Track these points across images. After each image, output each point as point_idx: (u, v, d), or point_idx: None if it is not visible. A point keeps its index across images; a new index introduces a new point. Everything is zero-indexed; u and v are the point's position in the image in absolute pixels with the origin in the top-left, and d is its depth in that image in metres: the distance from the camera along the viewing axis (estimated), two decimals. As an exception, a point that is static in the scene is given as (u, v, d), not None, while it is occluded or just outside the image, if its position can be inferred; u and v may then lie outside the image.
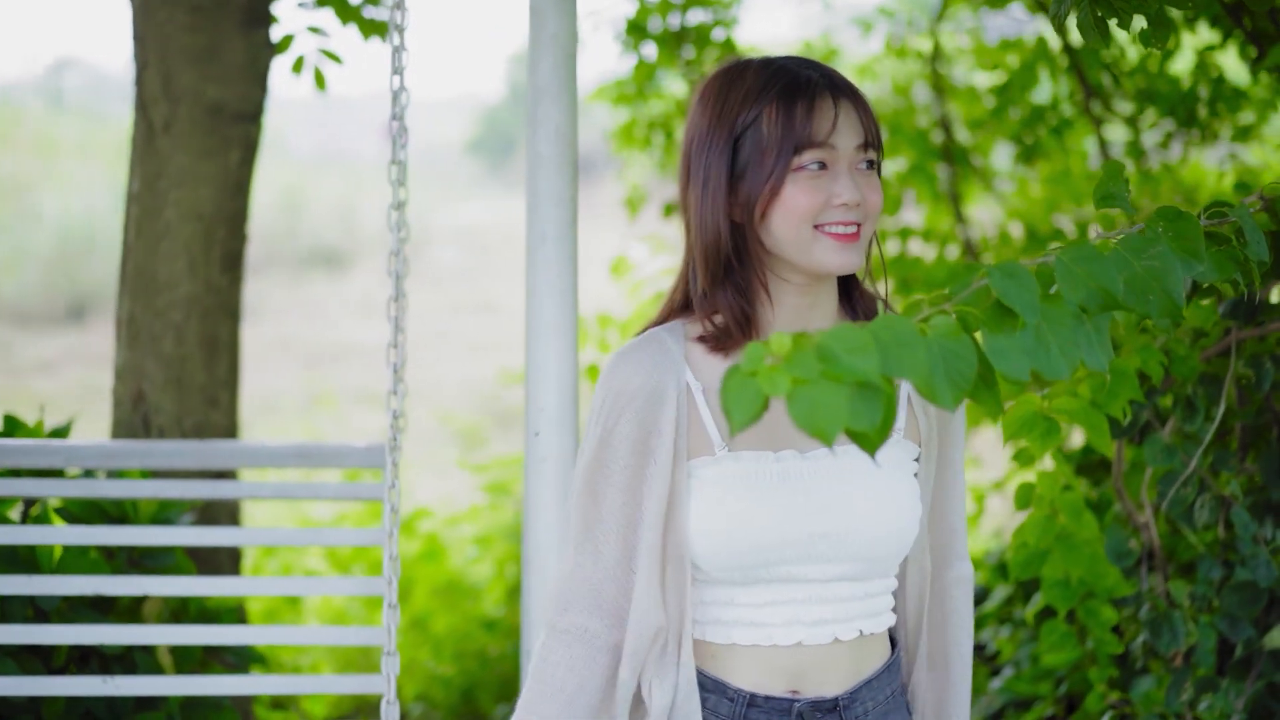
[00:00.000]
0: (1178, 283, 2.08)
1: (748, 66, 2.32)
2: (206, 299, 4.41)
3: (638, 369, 2.29)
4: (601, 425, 2.29)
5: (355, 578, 3.38)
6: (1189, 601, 3.34)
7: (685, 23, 5.69)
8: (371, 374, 12.53)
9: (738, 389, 1.80)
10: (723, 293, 2.29)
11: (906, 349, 1.83)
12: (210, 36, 4.37)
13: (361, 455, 3.44)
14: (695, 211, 2.30)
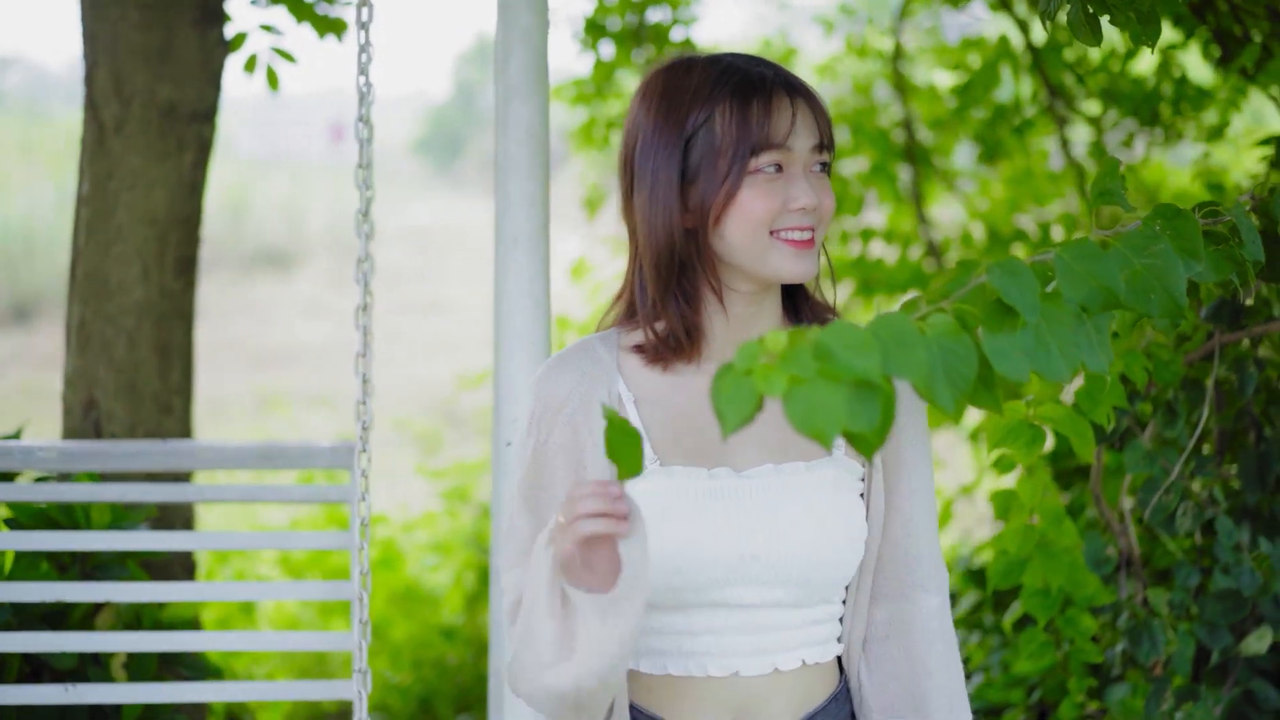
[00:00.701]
0: (1180, 282, 2.02)
1: (694, 64, 2.20)
2: (160, 304, 4.30)
3: (567, 377, 2.20)
4: (535, 438, 2.20)
5: (324, 582, 3.28)
6: (1168, 609, 3.29)
7: (644, 21, 5.61)
8: (321, 375, 12.40)
9: (731, 388, 1.73)
10: (672, 302, 2.18)
11: (906, 348, 1.76)
12: (163, 34, 4.27)
13: (328, 455, 3.35)
14: (643, 217, 2.18)
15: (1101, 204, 2.13)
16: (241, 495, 3.52)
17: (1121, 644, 3.33)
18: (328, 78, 28.86)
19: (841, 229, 5.95)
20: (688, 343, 2.19)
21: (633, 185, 2.20)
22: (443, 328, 13.99)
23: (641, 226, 2.18)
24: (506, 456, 2.89)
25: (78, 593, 3.31)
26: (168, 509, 4.28)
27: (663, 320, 2.20)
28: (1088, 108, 5.89)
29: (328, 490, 3.37)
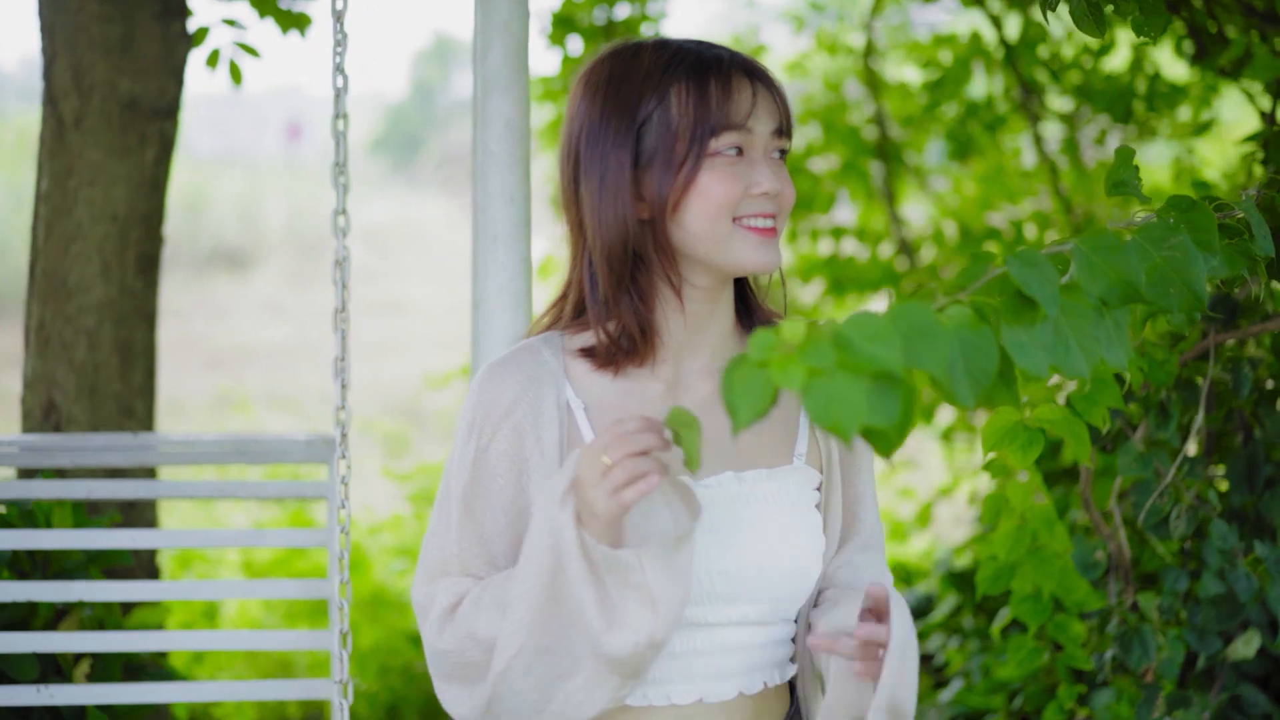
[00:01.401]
0: (1200, 275, 1.95)
1: (641, 48, 2.09)
2: (121, 303, 4.19)
3: (511, 382, 2.07)
4: (475, 443, 2.06)
5: (302, 581, 3.18)
6: (1158, 614, 3.23)
7: (613, 17, 5.53)
8: (280, 376, 12.29)
9: (745, 381, 1.64)
10: (626, 298, 2.06)
11: (927, 339, 1.69)
12: (124, 27, 4.16)
13: (304, 449, 3.26)
14: (593, 211, 2.06)
15: (1116, 195, 2.06)
16: (215, 491, 3.41)
17: (1111, 650, 3.26)
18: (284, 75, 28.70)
19: (813, 227, 5.89)
20: (642, 342, 2.07)
21: (578, 176, 2.08)
22: (401, 327, 13.89)
23: (591, 219, 2.06)
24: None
25: (43, 592, 3.20)
26: (130, 514, 4.17)
27: (614, 319, 2.08)
28: (1059, 104, 5.85)
29: (305, 486, 3.26)
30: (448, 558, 2.05)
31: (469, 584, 2.02)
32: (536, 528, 1.91)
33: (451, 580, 2.03)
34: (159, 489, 3.39)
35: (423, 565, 2.08)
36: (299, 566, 5.69)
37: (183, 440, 3.48)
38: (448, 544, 2.05)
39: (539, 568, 1.90)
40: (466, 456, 2.06)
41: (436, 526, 2.09)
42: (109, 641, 3.22)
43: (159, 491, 3.38)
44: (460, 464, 2.07)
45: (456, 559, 2.04)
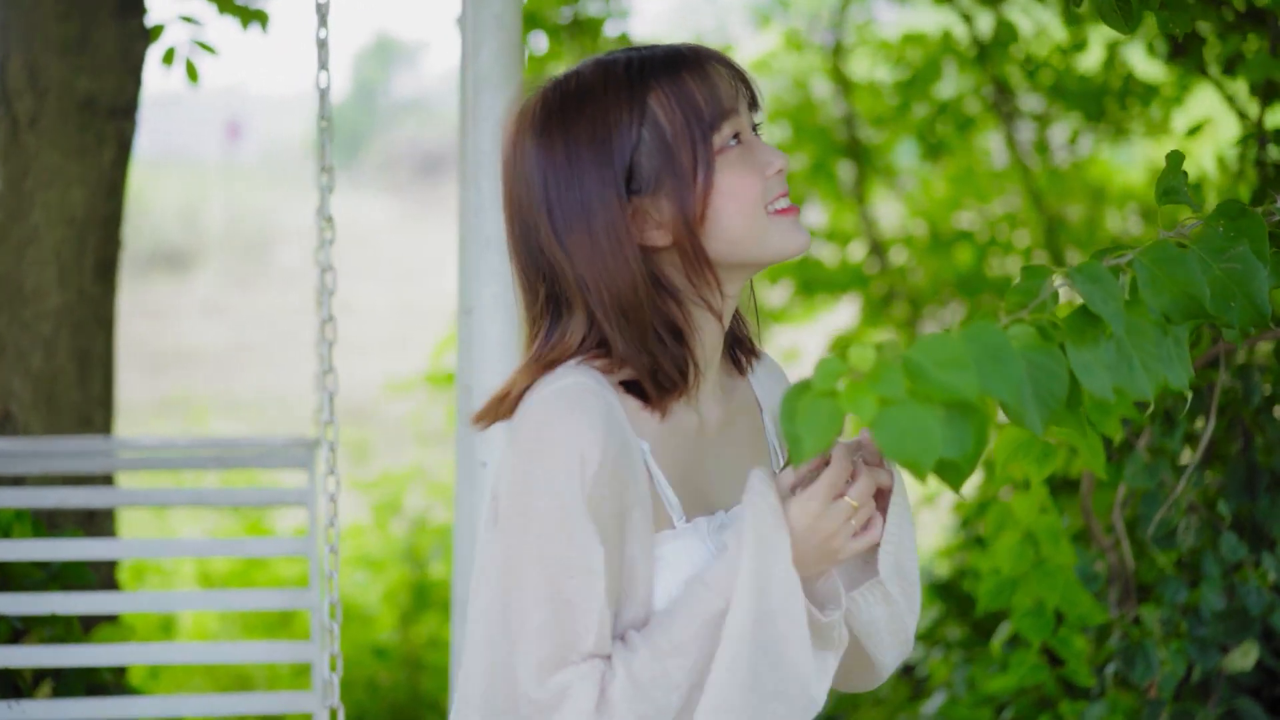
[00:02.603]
0: (1262, 287, 1.85)
1: (580, 73, 1.87)
2: (79, 310, 4.04)
3: (603, 428, 1.79)
4: (578, 499, 1.77)
5: (283, 590, 3.03)
6: (1160, 628, 3.15)
7: (578, 15, 5.41)
8: (222, 378, 12.10)
9: (811, 411, 1.53)
10: (656, 344, 1.85)
11: (1000, 363, 1.58)
12: (81, 24, 4.01)
13: (283, 454, 3.12)
14: (590, 263, 1.83)
15: (1166, 203, 1.95)
16: (194, 499, 3.29)
17: (1113, 664, 3.18)
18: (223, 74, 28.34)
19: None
20: (687, 378, 1.88)
21: (557, 230, 1.84)
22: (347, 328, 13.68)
23: (589, 273, 1.84)
24: (480, 478, 2.66)
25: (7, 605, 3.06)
26: (89, 525, 4.01)
27: (651, 361, 1.86)
28: (1030, 104, 5.78)
29: (284, 493, 3.13)
30: (570, 643, 1.78)
31: (601, 664, 1.79)
32: (745, 595, 1.76)
33: (580, 667, 1.78)
34: (130, 497, 3.25)
35: (534, 660, 1.78)
36: (259, 577, 5.53)
37: (155, 444, 3.35)
38: (570, 629, 1.78)
39: (742, 633, 1.77)
40: (576, 526, 1.77)
41: (544, 615, 1.78)
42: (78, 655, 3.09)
43: (130, 500, 3.24)
44: (566, 535, 1.78)
45: (590, 642, 1.78)
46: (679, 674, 1.78)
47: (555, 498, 1.77)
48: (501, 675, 1.81)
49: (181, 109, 19.15)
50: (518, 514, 1.80)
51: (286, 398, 10.81)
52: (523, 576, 1.79)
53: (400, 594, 5.53)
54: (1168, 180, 1.96)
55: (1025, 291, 1.78)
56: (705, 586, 1.80)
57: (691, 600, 1.80)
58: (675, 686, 1.78)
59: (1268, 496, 3.12)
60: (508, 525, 1.81)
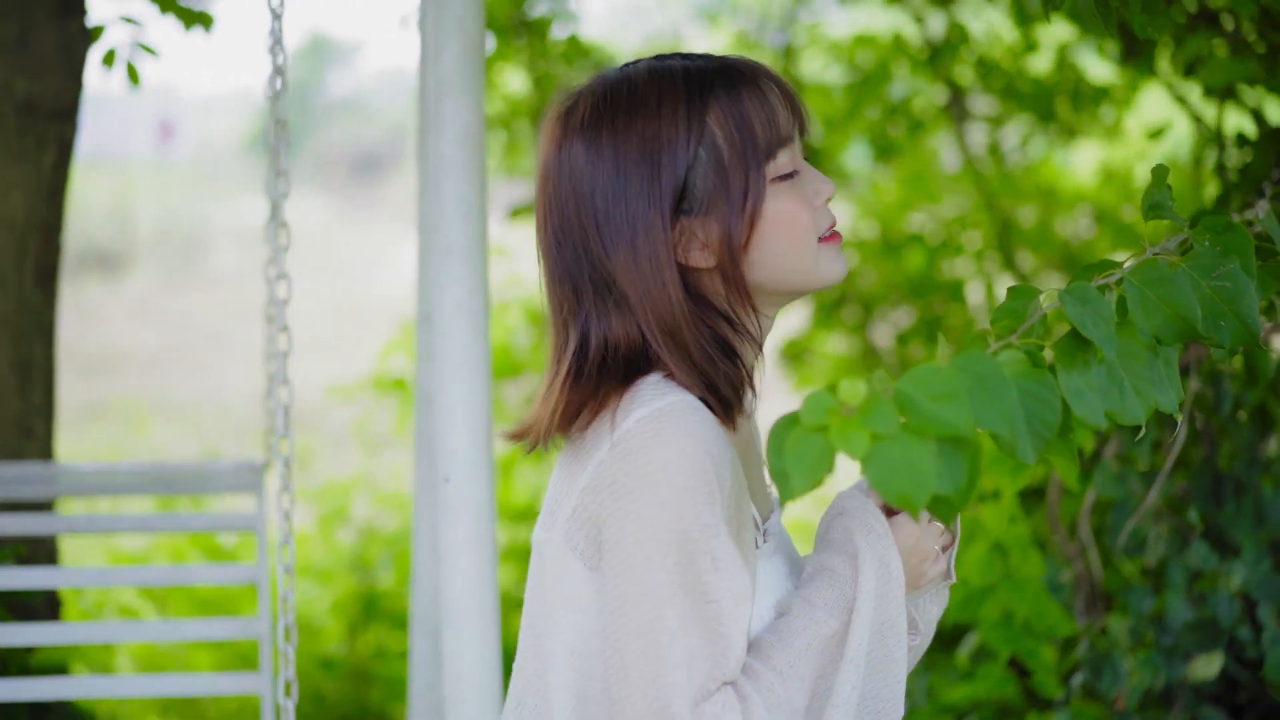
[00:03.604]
0: (1252, 305, 1.81)
1: (633, 79, 1.81)
2: (19, 317, 3.94)
3: (720, 441, 1.74)
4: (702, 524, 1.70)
5: (231, 619, 2.97)
6: (1128, 637, 3.13)
7: (525, 15, 5.34)
8: (153, 381, 11.94)
9: (799, 447, 1.46)
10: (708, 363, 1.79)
11: (993, 394, 1.53)
12: (19, 24, 3.92)
13: (230, 478, 3.05)
14: (630, 280, 1.77)
15: (1153, 218, 1.91)
16: (139, 525, 3.21)
17: (1081, 674, 3.16)
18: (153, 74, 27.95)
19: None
20: (739, 400, 1.83)
21: (604, 240, 1.79)
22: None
23: (632, 290, 1.78)
24: (445, 494, 2.60)
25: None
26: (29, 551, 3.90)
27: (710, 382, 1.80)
28: (981, 105, 5.77)
29: (231, 518, 3.06)
30: (712, 672, 1.71)
31: (732, 691, 1.72)
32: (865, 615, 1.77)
33: (721, 696, 1.72)
34: (72, 524, 3.16)
35: (682, 687, 1.70)
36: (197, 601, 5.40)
37: (97, 470, 3.25)
38: (712, 655, 1.71)
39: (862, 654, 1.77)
40: (721, 548, 1.71)
41: (690, 641, 1.70)
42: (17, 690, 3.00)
43: (71, 526, 3.15)
44: (702, 556, 1.70)
45: (729, 668, 1.73)
46: (800, 699, 1.75)
47: (696, 519, 1.70)
48: (636, 709, 1.70)
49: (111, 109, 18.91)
50: (651, 540, 1.70)
51: (224, 402, 10.68)
52: (664, 605, 1.69)
53: (348, 605, 5.45)
54: (1153, 195, 1.92)
55: (1012, 314, 1.74)
56: (816, 608, 1.78)
57: (804, 622, 1.78)
58: (796, 711, 1.75)
59: (1233, 503, 3.11)
60: (636, 552, 1.71)
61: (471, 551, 2.58)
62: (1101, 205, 5.92)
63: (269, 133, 2.74)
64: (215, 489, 3.13)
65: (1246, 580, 3.04)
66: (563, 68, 5.41)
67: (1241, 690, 3.29)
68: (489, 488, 2.60)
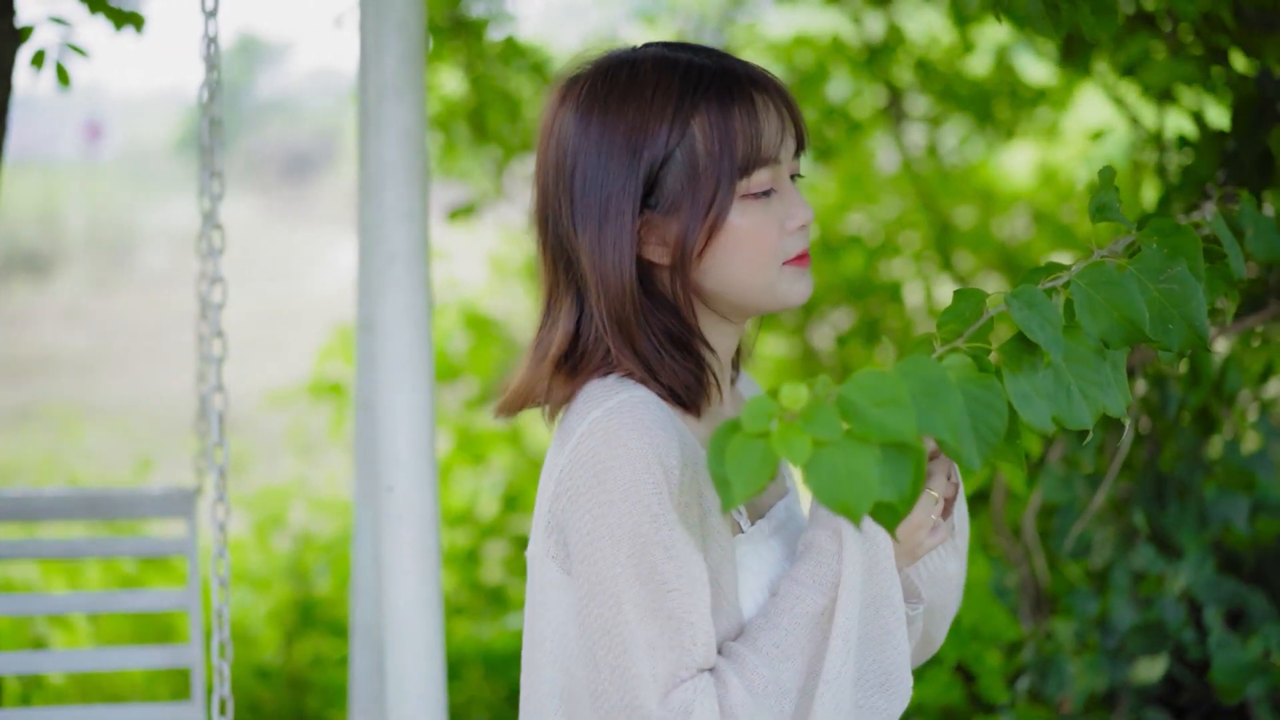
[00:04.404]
0: (1201, 308, 1.79)
1: (638, 63, 1.83)
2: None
3: (677, 438, 1.76)
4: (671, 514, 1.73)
5: (162, 648, 2.90)
6: (1073, 641, 3.12)
7: (461, 16, 5.29)
8: (82, 384, 11.82)
9: (740, 453, 1.44)
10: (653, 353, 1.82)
11: (938, 400, 1.50)
12: (-55, 25, 3.82)
13: (161, 503, 2.99)
14: (591, 262, 1.81)
15: (1100, 220, 1.90)
16: (67, 551, 3.13)
17: (1027, 679, 3.15)
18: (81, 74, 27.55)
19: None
20: (690, 394, 1.84)
21: (575, 216, 1.82)
22: (211, 334, 13.41)
23: (591, 271, 1.81)
24: (385, 502, 2.56)
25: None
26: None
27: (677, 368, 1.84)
28: (919, 106, 5.77)
29: (163, 543, 3.00)
30: (681, 660, 1.73)
31: (710, 677, 1.74)
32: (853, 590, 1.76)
33: (693, 683, 1.73)
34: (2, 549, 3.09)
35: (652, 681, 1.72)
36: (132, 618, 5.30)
37: (21, 496, 3.17)
38: (679, 644, 1.73)
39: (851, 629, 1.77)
40: (673, 537, 1.73)
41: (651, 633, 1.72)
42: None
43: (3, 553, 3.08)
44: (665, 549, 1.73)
45: (699, 655, 1.74)
46: (789, 678, 1.76)
47: (645, 511, 1.73)
48: (608, 700, 1.74)
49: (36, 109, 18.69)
50: (604, 535, 1.74)
51: (157, 406, 10.57)
52: (620, 597, 1.73)
53: (285, 613, 5.37)
54: (1100, 197, 1.90)
55: (958, 317, 1.72)
56: (802, 586, 1.79)
57: (790, 601, 1.78)
58: (786, 692, 1.75)
59: (1176, 505, 3.11)
60: (591, 549, 1.75)
61: (415, 561, 2.54)
62: (1039, 206, 5.94)
63: (203, 132, 2.68)
64: (146, 514, 3.06)
65: (1191, 582, 3.04)
66: (500, 69, 5.36)
67: (1184, 691, 3.29)
68: (432, 496, 2.56)
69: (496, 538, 5.86)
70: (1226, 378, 3.13)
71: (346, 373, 5.93)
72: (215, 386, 2.65)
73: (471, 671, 4.97)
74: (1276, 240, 2.33)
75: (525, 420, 6.36)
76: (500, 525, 5.86)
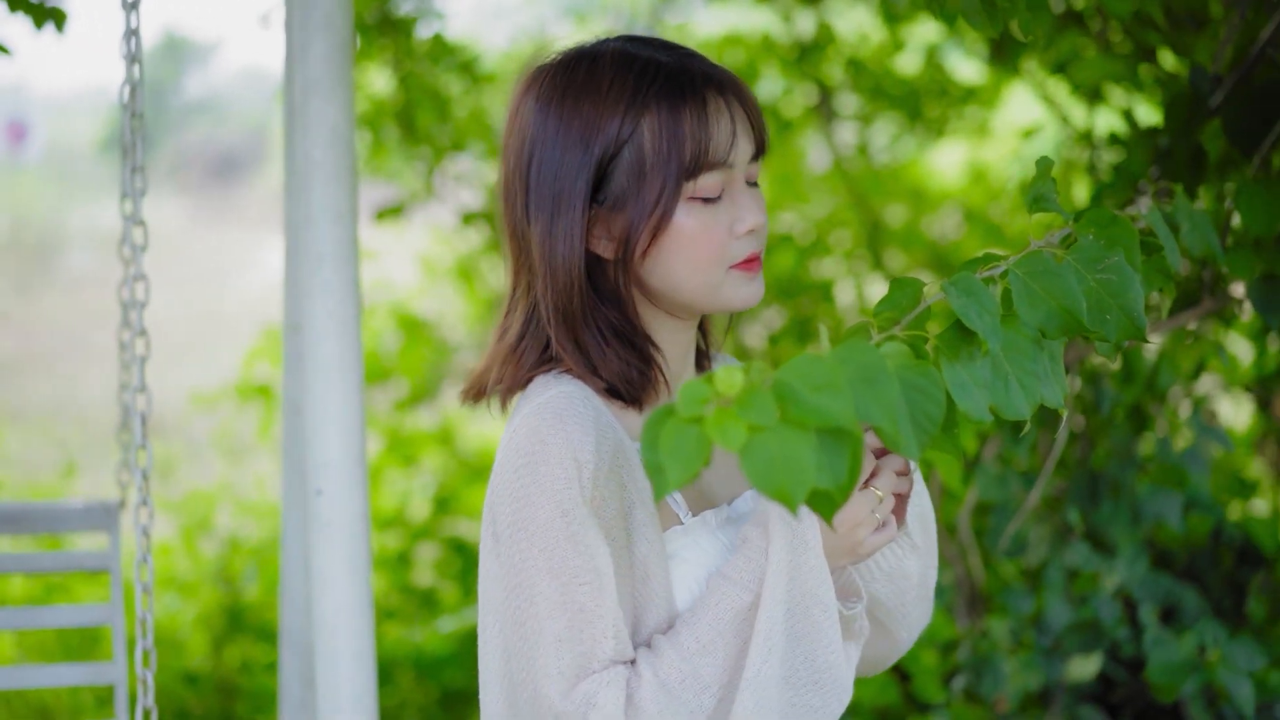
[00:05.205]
0: (1138, 299, 1.78)
1: (599, 57, 1.84)
2: None
3: (595, 432, 1.77)
4: (579, 509, 1.74)
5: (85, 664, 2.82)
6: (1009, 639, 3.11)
7: (389, 14, 5.24)
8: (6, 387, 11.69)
9: (674, 439, 1.42)
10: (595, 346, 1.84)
11: (875, 386, 1.48)
12: None
13: (82, 517, 2.92)
14: (542, 247, 1.83)
15: (1037, 210, 1.88)
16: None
17: (963, 678, 3.14)
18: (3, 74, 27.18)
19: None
20: (643, 384, 1.86)
21: (529, 206, 1.84)
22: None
23: (541, 257, 1.83)
24: (317, 507, 2.51)
25: None
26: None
27: (617, 362, 1.85)
28: (847, 105, 5.76)
29: (84, 556, 2.93)
30: (589, 652, 1.74)
31: (624, 669, 1.74)
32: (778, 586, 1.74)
33: (602, 675, 1.74)
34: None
35: (556, 673, 1.74)
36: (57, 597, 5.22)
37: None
38: (586, 636, 1.74)
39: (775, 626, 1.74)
40: (580, 530, 1.74)
41: (559, 626, 1.74)
42: None
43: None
44: (572, 542, 1.74)
45: (608, 648, 1.74)
46: (709, 673, 1.74)
47: (556, 506, 1.75)
48: (524, 691, 1.78)
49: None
50: (520, 528, 1.77)
51: (82, 409, 10.43)
52: (533, 589, 1.76)
53: (212, 618, 5.30)
54: (1037, 187, 1.89)
55: (895, 305, 1.70)
56: (729, 581, 1.77)
57: (716, 597, 1.77)
58: (706, 687, 1.74)
59: (1110, 503, 3.11)
60: (511, 541, 1.78)
61: (346, 566, 2.49)
62: (969, 205, 5.95)
63: (125, 128, 2.62)
64: (67, 529, 2.99)
65: (1126, 580, 3.04)
66: (428, 67, 5.31)
67: (1118, 689, 3.29)
68: (363, 500, 2.51)
69: (427, 540, 5.81)
70: (1159, 374, 3.14)
71: (274, 375, 5.86)
72: (138, 387, 2.60)
73: (403, 675, 4.92)
74: (1211, 235, 2.33)
75: (456, 421, 6.32)
76: (431, 527, 5.81)
